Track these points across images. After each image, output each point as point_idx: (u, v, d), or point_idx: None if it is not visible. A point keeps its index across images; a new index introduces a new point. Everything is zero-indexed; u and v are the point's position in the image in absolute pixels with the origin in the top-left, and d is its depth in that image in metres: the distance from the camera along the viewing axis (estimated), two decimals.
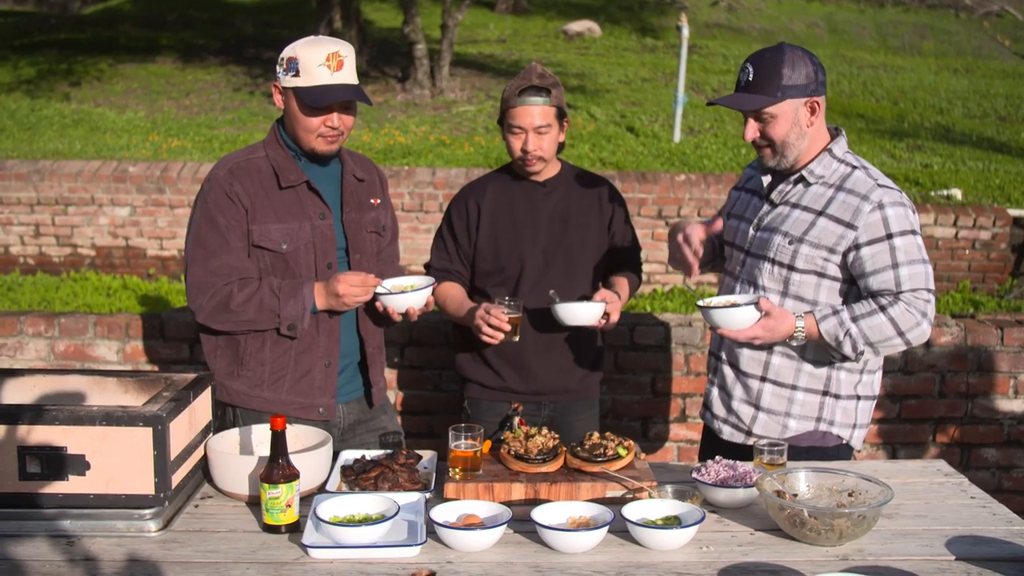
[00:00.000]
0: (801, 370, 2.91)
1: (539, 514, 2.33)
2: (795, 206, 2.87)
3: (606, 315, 3.08)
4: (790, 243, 2.84)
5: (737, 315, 2.72)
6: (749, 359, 2.95)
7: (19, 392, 2.63)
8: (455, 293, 3.26)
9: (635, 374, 4.13)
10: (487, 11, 19.98)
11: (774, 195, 2.92)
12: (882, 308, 2.75)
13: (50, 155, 10.18)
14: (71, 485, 2.34)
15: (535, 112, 3.11)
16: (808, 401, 2.92)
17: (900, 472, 2.82)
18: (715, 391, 3.07)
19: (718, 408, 3.06)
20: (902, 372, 4.11)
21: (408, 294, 2.89)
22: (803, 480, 2.52)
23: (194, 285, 2.86)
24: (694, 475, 2.58)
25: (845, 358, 2.84)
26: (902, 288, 2.75)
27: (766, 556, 2.28)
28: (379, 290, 2.89)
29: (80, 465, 2.33)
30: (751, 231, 2.96)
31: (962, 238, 8.27)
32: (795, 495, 2.48)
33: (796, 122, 2.79)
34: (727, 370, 3.02)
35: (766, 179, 2.96)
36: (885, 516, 2.46)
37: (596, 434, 2.68)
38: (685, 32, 11.58)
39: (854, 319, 2.76)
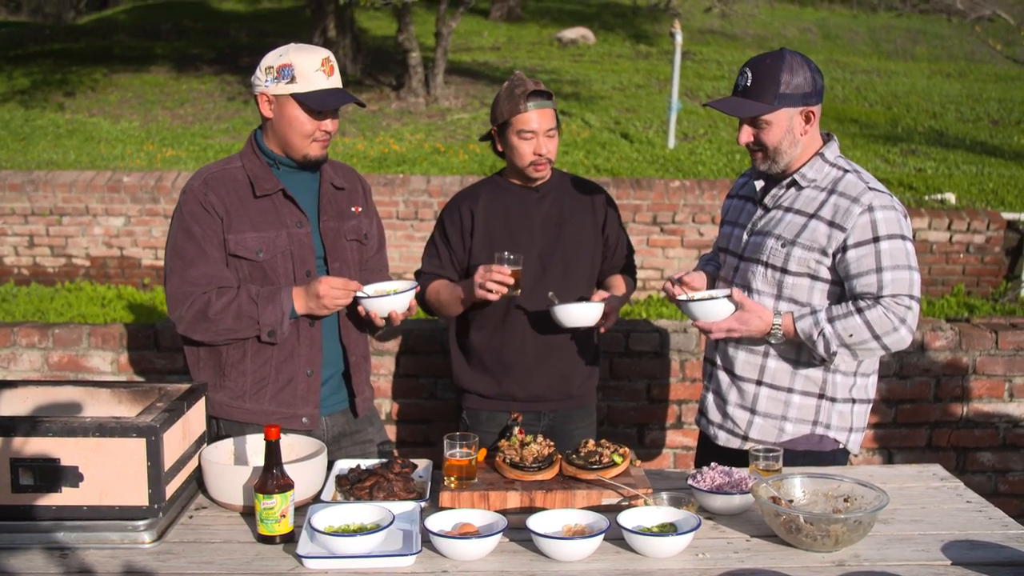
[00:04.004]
0: (797, 373, 2.91)
1: (535, 522, 2.33)
2: (788, 210, 2.89)
3: (605, 315, 3.09)
4: (783, 246, 2.85)
5: (711, 307, 2.82)
6: (744, 363, 2.96)
7: (12, 404, 2.63)
8: (445, 284, 3.25)
9: (630, 381, 4.12)
10: (481, 19, 20.02)
11: (767, 199, 2.94)
12: (859, 310, 2.76)
13: (44, 165, 10.17)
14: (65, 497, 2.33)
15: (545, 115, 3.14)
16: (804, 404, 2.93)
17: (896, 477, 2.82)
18: (710, 396, 3.07)
19: (713, 414, 3.06)
20: (897, 376, 4.11)
21: (390, 297, 2.88)
22: (799, 486, 2.52)
23: (173, 296, 2.86)
24: (690, 482, 2.58)
25: (822, 358, 2.85)
26: (883, 292, 2.75)
27: (762, 563, 2.28)
28: (359, 294, 2.89)
29: (74, 477, 2.32)
30: (744, 236, 2.98)
31: (956, 242, 8.29)
32: (791, 501, 2.48)
33: (790, 130, 2.81)
34: (722, 375, 3.02)
35: (759, 183, 2.98)
36: (881, 521, 2.46)
37: (591, 441, 2.68)
38: (678, 38, 11.60)
39: (830, 320, 2.78)
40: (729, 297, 2.82)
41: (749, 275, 2.93)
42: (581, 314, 3.06)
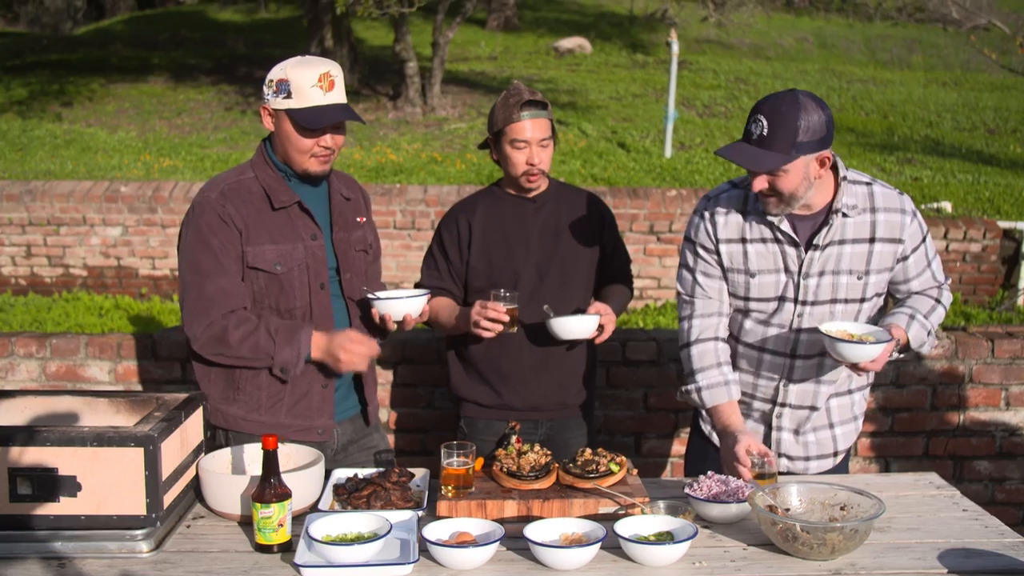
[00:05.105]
0: (851, 375, 3.00)
1: (532, 531, 2.33)
2: (842, 243, 2.85)
3: (600, 327, 3.10)
4: (859, 279, 2.88)
5: (875, 350, 2.71)
6: (814, 394, 2.98)
7: (10, 413, 2.63)
8: (446, 303, 3.26)
9: (627, 390, 4.13)
10: (478, 28, 20.05)
11: (817, 240, 2.84)
12: (937, 300, 2.96)
13: (42, 175, 10.17)
14: (62, 506, 2.34)
15: (539, 125, 3.14)
16: (860, 399, 3.08)
17: (892, 485, 2.83)
18: (785, 435, 3.03)
19: (797, 450, 3.04)
20: (894, 385, 4.12)
21: (405, 300, 2.92)
22: (795, 494, 2.53)
23: (190, 312, 2.84)
24: (686, 490, 2.59)
25: (906, 355, 2.97)
26: (940, 280, 2.99)
27: (759, 571, 2.28)
28: (371, 296, 2.91)
29: (71, 486, 2.33)
30: (801, 280, 2.87)
31: (952, 251, 8.31)
32: (787, 510, 2.49)
33: (806, 176, 2.74)
34: (799, 412, 3.00)
35: (786, 225, 2.85)
36: (877, 530, 2.47)
37: (588, 450, 2.69)
38: (675, 48, 11.62)
39: (925, 316, 2.91)
40: (890, 337, 2.76)
41: (827, 317, 2.89)
42: (576, 327, 3.07)
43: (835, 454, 3.06)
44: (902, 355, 2.95)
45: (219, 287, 2.83)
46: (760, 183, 2.74)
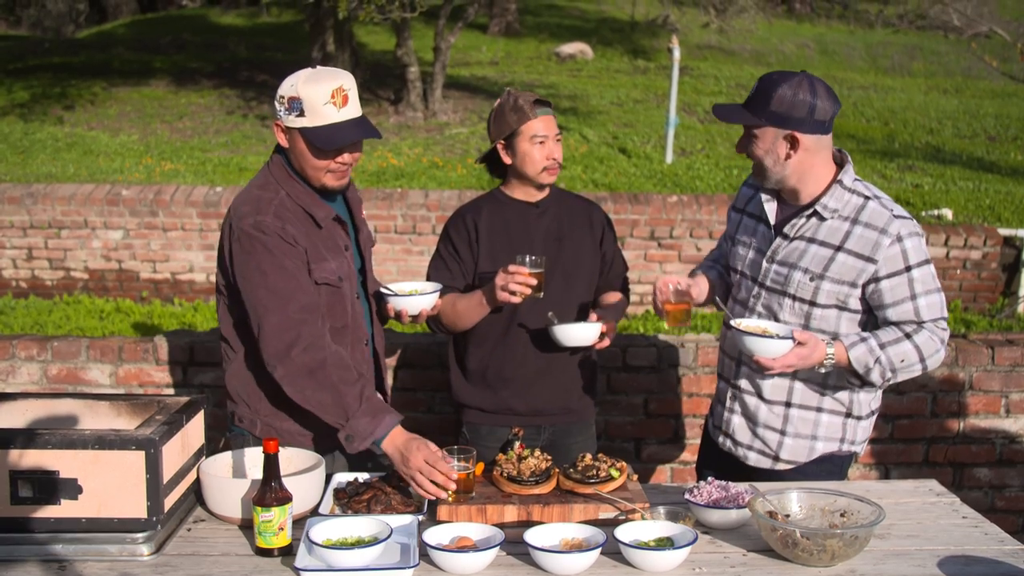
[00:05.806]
0: (824, 393, 2.94)
1: (532, 536, 2.34)
2: (811, 241, 2.86)
3: (602, 334, 3.11)
4: (811, 280, 2.84)
5: (774, 345, 2.71)
6: (773, 387, 2.96)
7: (11, 416, 2.63)
8: (457, 294, 3.23)
9: (628, 395, 4.13)
10: (480, 33, 20.07)
11: (788, 229, 2.89)
12: (907, 335, 2.80)
13: (43, 178, 10.19)
14: (63, 509, 2.34)
15: (551, 122, 3.22)
16: (832, 422, 2.96)
17: (892, 492, 2.83)
18: (736, 419, 3.04)
19: (742, 435, 3.04)
20: (894, 392, 4.12)
21: (420, 296, 2.95)
22: (795, 501, 2.53)
23: (274, 334, 2.69)
24: (687, 496, 2.59)
25: (866, 384, 2.86)
26: (923, 318, 2.81)
27: None
28: (384, 291, 2.94)
29: (72, 489, 2.33)
30: (764, 263, 2.94)
31: (953, 258, 8.31)
32: (787, 516, 2.49)
33: (773, 150, 2.79)
34: (748, 398, 3.01)
35: (770, 207, 2.94)
36: (877, 536, 2.47)
37: (589, 456, 2.69)
38: (676, 54, 11.63)
39: (882, 346, 2.79)
40: (792, 337, 2.73)
41: (775, 306, 2.92)
42: (579, 334, 3.08)
43: (776, 458, 2.99)
44: (861, 384, 2.88)
45: (302, 305, 2.74)
46: (739, 145, 2.91)
